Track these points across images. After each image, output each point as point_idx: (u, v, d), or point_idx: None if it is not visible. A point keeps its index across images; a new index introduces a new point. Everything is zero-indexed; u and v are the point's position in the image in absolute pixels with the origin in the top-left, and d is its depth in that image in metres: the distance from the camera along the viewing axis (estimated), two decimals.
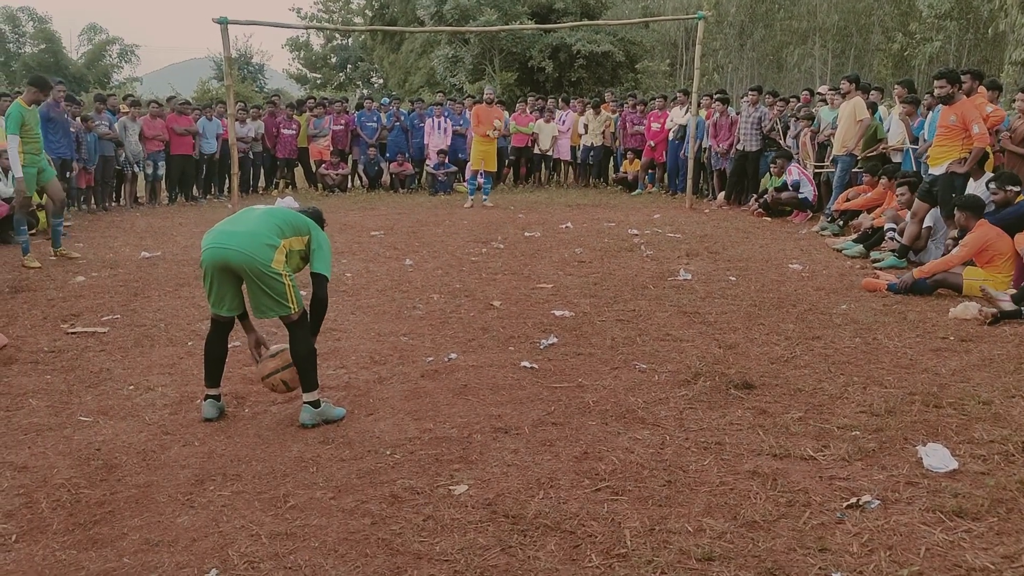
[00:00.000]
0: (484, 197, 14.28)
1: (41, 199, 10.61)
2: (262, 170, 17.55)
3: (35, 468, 3.96)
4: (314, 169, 17.63)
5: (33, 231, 10.44)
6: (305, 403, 4.44)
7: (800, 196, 12.64)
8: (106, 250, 10.04)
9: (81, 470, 3.94)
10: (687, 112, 15.63)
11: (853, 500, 3.52)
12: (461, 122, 17.32)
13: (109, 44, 39.14)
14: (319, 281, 4.60)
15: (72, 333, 6.37)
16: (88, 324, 6.63)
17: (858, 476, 3.78)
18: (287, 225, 4.63)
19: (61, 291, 7.82)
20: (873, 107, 12.05)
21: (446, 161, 17.11)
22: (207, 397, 4.61)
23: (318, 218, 5.14)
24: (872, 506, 3.48)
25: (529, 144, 18.03)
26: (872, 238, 9.71)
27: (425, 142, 17.50)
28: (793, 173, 12.74)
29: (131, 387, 5.15)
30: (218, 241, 4.38)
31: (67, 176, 12.22)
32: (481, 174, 14.55)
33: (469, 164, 15.16)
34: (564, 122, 18.01)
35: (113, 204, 14.74)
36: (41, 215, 11.18)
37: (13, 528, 3.39)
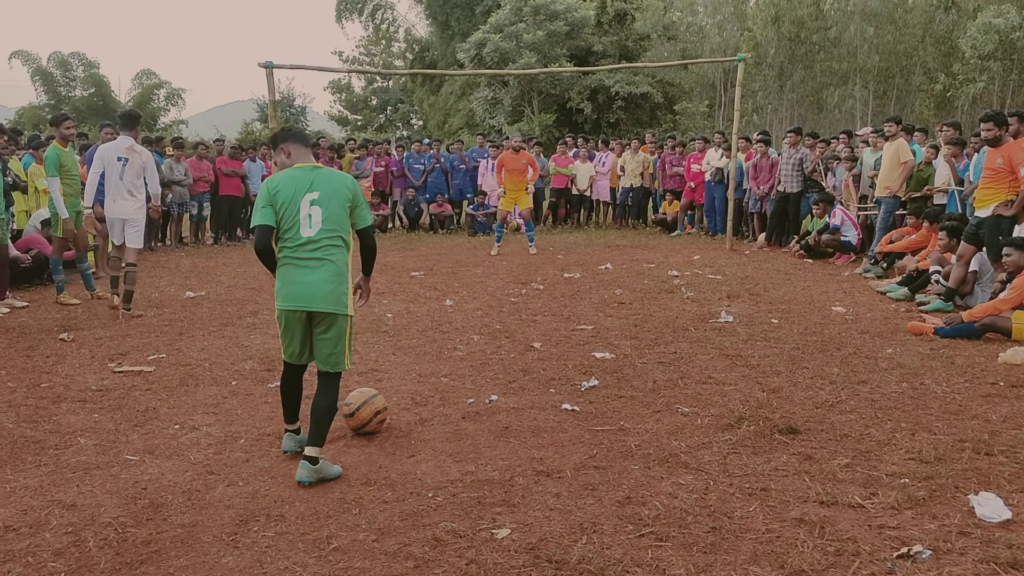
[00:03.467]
0: (529, 244, 13.97)
1: (93, 240, 10.84)
2: None
3: (83, 507, 4.01)
4: None
5: (94, 270, 10.66)
6: (305, 457, 4.30)
7: (843, 239, 12.53)
8: (152, 289, 10.21)
9: (128, 509, 3.98)
10: (722, 154, 15.64)
11: (904, 550, 3.45)
12: None
13: (157, 88, 40.05)
14: (368, 232, 4.68)
15: (119, 372, 6.47)
16: (135, 363, 6.73)
17: (908, 525, 3.71)
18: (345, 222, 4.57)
19: (109, 330, 7.95)
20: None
21: (486, 202, 17.22)
22: (287, 431, 4.84)
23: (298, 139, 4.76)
24: (923, 556, 3.40)
25: (568, 185, 18.11)
26: (917, 281, 9.58)
27: (479, 182, 17.66)
28: (836, 216, 12.65)
29: (176, 426, 5.20)
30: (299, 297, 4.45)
31: None
32: (519, 218, 14.45)
33: (498, 208, 14.43)
34: (603, 163, 18.08)
35: (159, 244, 15.01)
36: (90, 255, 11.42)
37: (62, 566, 3.42)
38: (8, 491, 4.21)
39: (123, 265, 8.71)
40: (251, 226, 4.63)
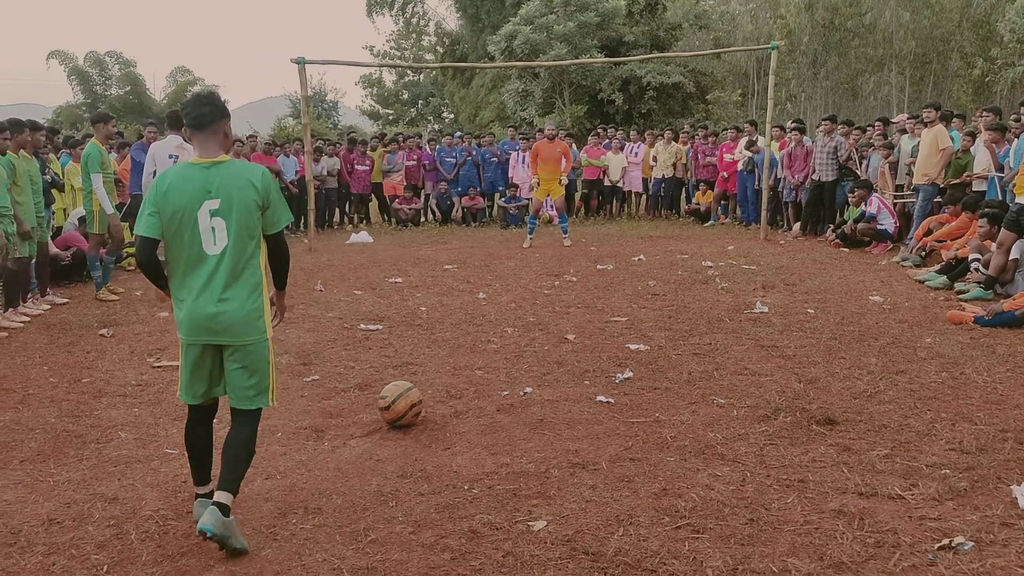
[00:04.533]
0: (564, 236, 13.88)
1: (131, 236, 10.99)
2: (337, 205, 17.94)
3: (125, 500, 4.07)
4: (389, 203, 17.93)
5: (132, 267, 11.05)
6: (215, 503, 3.47)
7: (880, 227, 12.37)
8: None
9: (168, 502, 4.04)
10: (755, 142, 15.50)
11: (945, 541, 3.41)
12: None
13: (191, 84, 40.42)
14: (279, 238, 3.82)
15: (158, 367, 6.55)
16: (172, 358, 6.81)
17: (950, 516, 3.66)
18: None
19: (147, 325, 8.05)
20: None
21: (518, 194, 17.22)
22: (198, 496, 3.86)
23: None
24: (965, 548, 3.36)
25: (601, 177, 18.05)
26: (956, 269, 9.44)
27: (510, 175, 17.68)
28: (873, 204, 12.48)
29: (214, 420, 5.25)
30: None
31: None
32: (552, 210, 14.42)
33: (532, 199, 14.50)
34: (636, 154, 17.99)
35: None
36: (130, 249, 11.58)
37: (105, 559, 3.48)
38: (52, 484, 4.28)
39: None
40: (134, 233, 3.78)
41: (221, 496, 3.49)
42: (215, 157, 3.66)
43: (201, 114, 3.66)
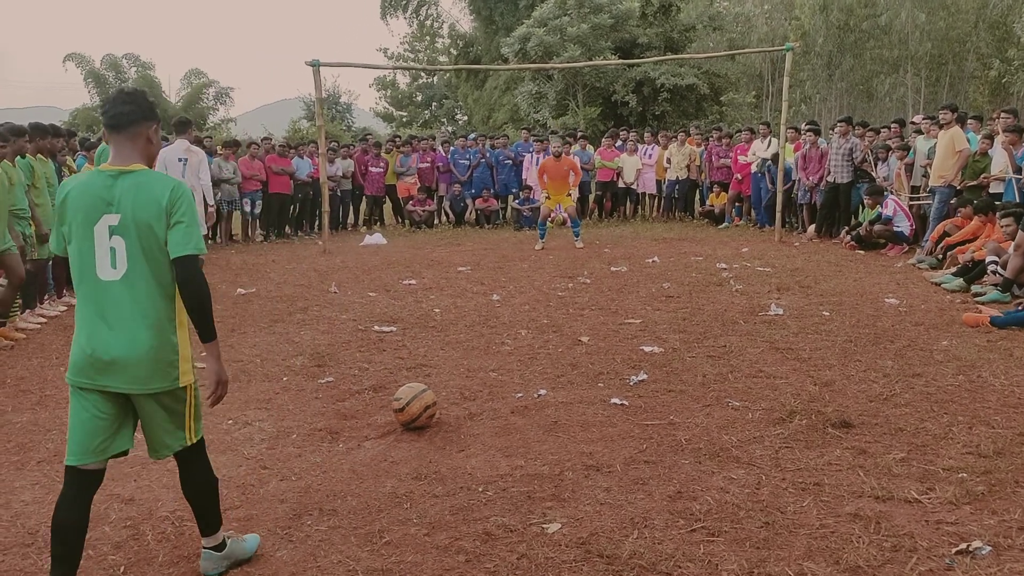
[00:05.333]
0: (575, 238, 13.88)
1: None
2: (351, 207, 18.01)
3: (141, 501, 4.09)
4: (403, 205, 17.97)
5: None
6: (206, 548, 3.37)
7: (896, 230, 12.30)
8: None
9: (184, 503, 4.02)
10: (769, 144, 15.45)
11: (963, 546, 3.39)
12: None
13: (205, 87, 40.59)
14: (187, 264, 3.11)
15: None
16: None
17: (967, 521, 3.64)
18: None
19: None
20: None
21: (531, 196, 17.22)
22: None
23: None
24: (983, 553, 3.34)
25: (614, 179, 18.03)
26: (973, 271, 9.38)
27: (524, 177, 17.67)
28: (888, 206, 12.42)
29: (230, 422, 5.28)
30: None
31: None
32: (562, 212, 14.43)
33: (541, 207, 14.44)
34: (650, 156, 17.96)
35: (210, 241, 15.23)
36: None
37: (122, 559, 3.50)
38: None
39: None
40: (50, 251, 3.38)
41: (209, 541, 3.35)
42: (127, 165, 3.10)
43: (120, 113, 3.12)
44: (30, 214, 8.12)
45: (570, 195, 13.83)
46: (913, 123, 14.61)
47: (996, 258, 9.17)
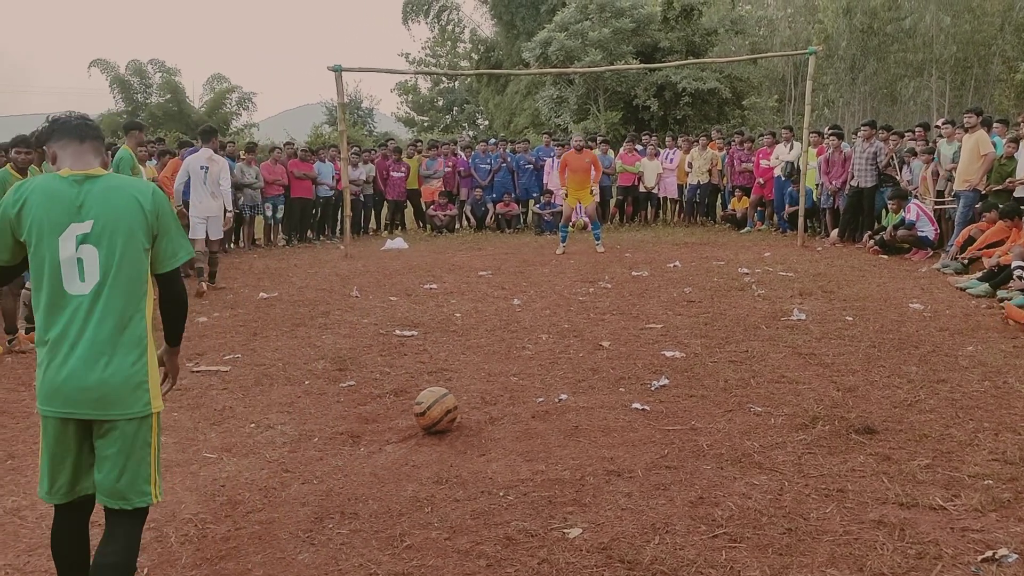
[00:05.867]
0: (596, 242, 13.85)
1: None
2: (373, 212, 18.08)
3: (164, 503, 4.10)
4: (424, 210, 18.02)
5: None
6: None
7: (920, 235, 12.19)
8: (226, 291, 10.44)
9: (207, 506, 4.08)
10: (791, 148, 15.37)
11: (989, 554, 3.35)
12: None
13: (228, 92, 40.87)
14: (172, 278, 3.04)
15: (197, 371, 6.63)
16: (211, 363, 6.89)
17: (993, 528, 3.60)
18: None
19: (186, 331, 8.13)
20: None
21: (552, 201, 17.22)
22: None
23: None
24: (1010, 560, 3.30)
25: (635, 183, 18.00)
26: (999, 276, 9.28)
27: (545, 181, 17.68)
28: (912, 211, 12.31)
29: (252, 425, 5.31)
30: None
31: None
32: (583, 215, 14.41)
33: (564, 209, 14.33)
34: (671, 160, 17.92)
35: (232, 246, 15.33)
36: None
37: (145, 561, 3.53)
38: None
39: (209, 252, 10.48)
40: None
41: None
42: (89, 169, 2.89)
43: (86, 125, 2.98)
44: None
45: (592, 192, 13.79)
46: (937, 127, 14.50)
47: (1022, 263, 9.07)
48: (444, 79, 47.36)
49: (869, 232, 13.35)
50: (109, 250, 2.79)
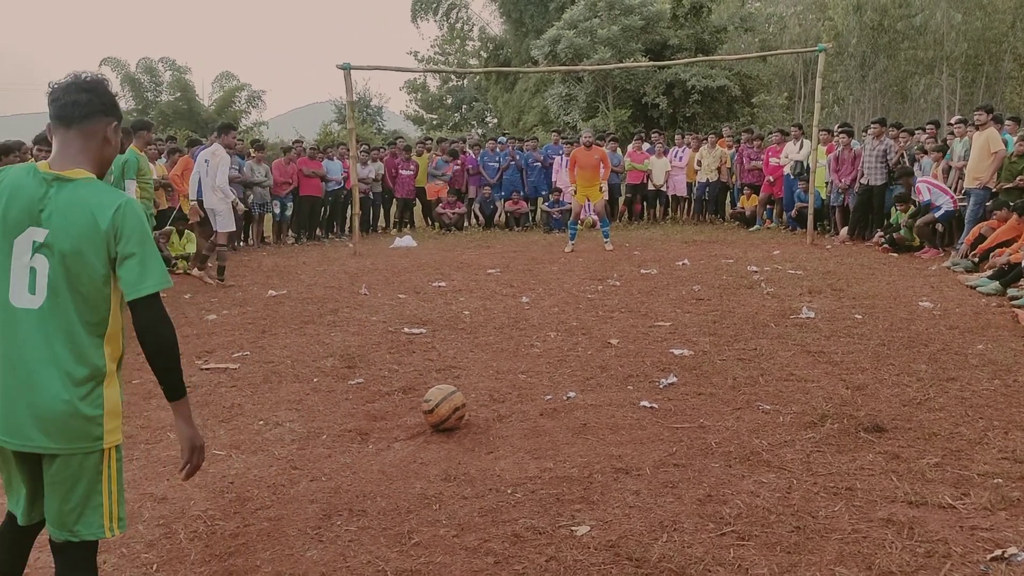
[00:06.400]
0: (605, 240, 13.83)
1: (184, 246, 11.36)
2: (382, 209, 18.11)
3: (174, 500, 4.13)
4: (433, 208, 18.04)
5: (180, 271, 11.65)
6: None
7: (939, 214, 11.99)
8: (235, 289, 10.46)
9: (216, 502, 4.09)
10: (801, 146, 15.33)
11: (998, 552, 3.34)
12: None
13: (238, 90, 40.91)
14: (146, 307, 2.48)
15: (206, 369, 6.65)
16: (220, 360, 6.91)
17: (1002, 526, 3.59)
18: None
19: (195, 328, 8.18)
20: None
21: (561, 199, 17.21)
22: None
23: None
24: (1019, 559, 3.29)
25: (644, 181, 17.99)
26: (1009, 274, 9.24)
27: (554, 179, 17.67)
28: (922, 191, 12.17)
29: (261, 422, 5.33)
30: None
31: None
32: (593, 214, 14.39)
33: (572, 206, 14.37)
34: (680, 158, 17.90)
35: (241, 244, 15.36)
36: (182, 264, 11.81)
37: (154, 557, 3.54)
38: None
39: (215, 246, 10.82)
40: None
41: None
42: (68, 170, 2.47)
43: (74, 103, 2.49)
44: None
45: (601, 189, 13.79)
46: (950, 125, 14.44)
47: None
48: (453, 77, 47.36)
49: (880, 230, 13.30)
50: (61, 267, 2.40)
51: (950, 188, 12.41)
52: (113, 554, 3.57)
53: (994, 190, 11.32)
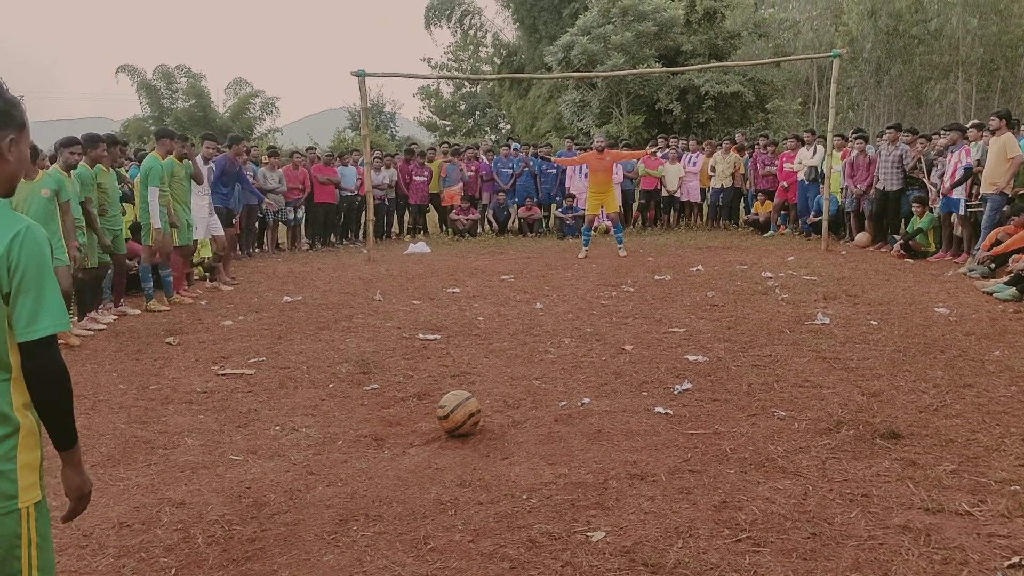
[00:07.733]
0: (619, 246, 13.84)
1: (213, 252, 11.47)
2: (396, 215, 18.16)
3: (191, 504, 4.16)
4: (446, 214, 18.07)
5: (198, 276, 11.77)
6: None
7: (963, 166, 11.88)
8: (251, 295, 10.52)
9: (233, 507, 4.12)
10: (815, 152, 15.30)
11: (1015, 559, 3.33)
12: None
13: (252, 97, 41.12)
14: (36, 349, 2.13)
15: (222, 375, 6.69)
16: (236, 366, 6.95)
17: (1019, 533, 3.57)
18: None
19: (211, 334, 8.22)
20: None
21: (575, 205, 17.22)
22: None
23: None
24: None
25: (658, 187, 17.98)
26: None
27: (567, 185, 17.69)
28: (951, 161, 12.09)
29: (277, 427, 5.35)
30: None
31: (231, 223, 12.64)
32: (607, 219, 14.40)
33: (586, 212, 14.41)
34: (694, 164, 17.88)
35: (256, 250, 15.44)
36: (198, 269, 11.87)
37: (173, 562, 3.57)
38: (121, 489, 4.40)
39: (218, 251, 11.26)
40: None
41: None
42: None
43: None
44: (84, 223, 8.30)
45: (614, 185, 13.80)
46: (968, 128, 14.36)
47: None
48: (466, 83, 47.44)
49: (898, 238, 13.22)
50: None
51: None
52: (132, 558, 3.60)
53: (1011, 196, 11.25)
